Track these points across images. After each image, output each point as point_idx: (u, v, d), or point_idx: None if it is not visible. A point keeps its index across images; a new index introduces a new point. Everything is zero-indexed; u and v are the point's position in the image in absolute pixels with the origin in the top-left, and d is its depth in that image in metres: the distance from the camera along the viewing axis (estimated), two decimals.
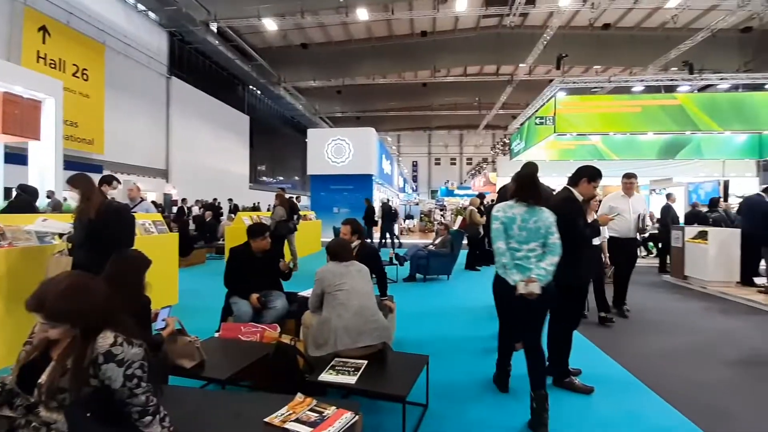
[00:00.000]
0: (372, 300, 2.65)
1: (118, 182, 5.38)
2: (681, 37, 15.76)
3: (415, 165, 38.65)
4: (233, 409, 1.76)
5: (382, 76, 21.47)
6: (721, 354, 3.73)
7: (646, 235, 8.22)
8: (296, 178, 31.87)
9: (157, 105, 17.06)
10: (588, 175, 2.91)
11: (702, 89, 15.41)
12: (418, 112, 28.11)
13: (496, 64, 20.64)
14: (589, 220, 3.68)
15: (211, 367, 2.33)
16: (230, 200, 17.71)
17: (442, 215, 17.92)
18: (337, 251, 2.81)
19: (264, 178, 27.71)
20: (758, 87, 13.38)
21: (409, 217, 21.10)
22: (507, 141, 20.98)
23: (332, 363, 2.37)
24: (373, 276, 3.53)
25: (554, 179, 9.94)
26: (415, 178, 38.23)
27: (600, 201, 4.85)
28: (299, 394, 1.80)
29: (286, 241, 6.85)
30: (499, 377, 2.95)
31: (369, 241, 9.36)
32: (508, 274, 2.50)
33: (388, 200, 14.10)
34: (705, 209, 8.34)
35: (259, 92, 25.56)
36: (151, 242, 4.78)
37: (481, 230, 7.77)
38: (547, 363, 3.02)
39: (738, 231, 6.47)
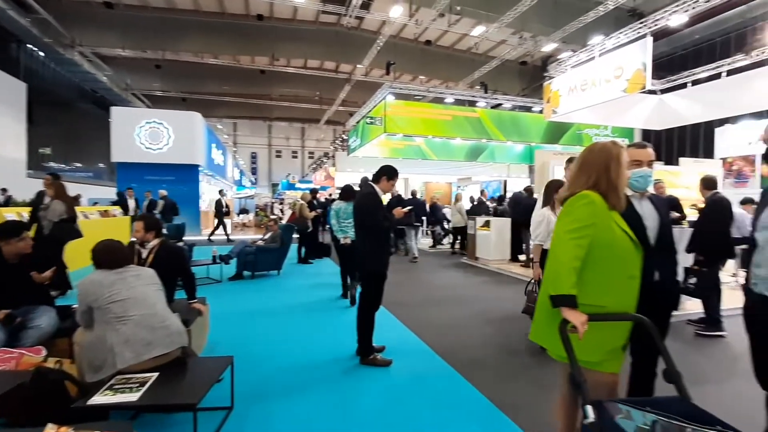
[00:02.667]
0: (159, 305, 2.38)
1: None
2: (482, 61, 19.22)
3: (254, 156, 36.64)
4: None
5: (213, 56, 19.49)
6: (489, 316, 4.75)
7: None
8: (101, 165, 25.99)
9: None
10: (387, 173, 3.32)
11: (494, 107, 19.10)
12: (257, 100, 26.59)
13: (336, 61, 21.16)
14: (557, 214, 3.86)
15: None
16: (3, 190, 13.40)
17: (281, 209, 17.52)
18: (103, 259, 2.35)
19: (51, 164, 21.81)
20: (529, 109, 17.38)
21: (243, 211, 19.89)
22: (345, 137, 21.90)
23: (111, 382, 2.07)
24: (180, 279, 3.23)
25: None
26: (254, 170, 36.28)
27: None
28: (50, 425, 1.51)
29: None
30: (344, 294, 5.45)
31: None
32: (338, 234, 5.25)
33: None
34: (493, 204, 10.47)
35: (42, 54, 19.99)
36: None
37: (310, 224, 7.92)
38: (357, 344, 3.37)
39: (509, 219, 8.33)
